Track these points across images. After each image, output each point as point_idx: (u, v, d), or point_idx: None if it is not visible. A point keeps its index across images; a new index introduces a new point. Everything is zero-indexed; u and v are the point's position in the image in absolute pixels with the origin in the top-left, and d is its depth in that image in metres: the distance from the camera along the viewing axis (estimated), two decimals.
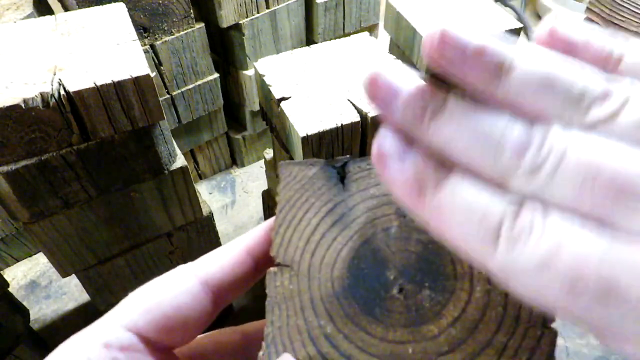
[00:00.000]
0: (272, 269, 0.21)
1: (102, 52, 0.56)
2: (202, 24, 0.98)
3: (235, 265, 0.22)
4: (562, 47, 0.16)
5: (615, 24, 1.20)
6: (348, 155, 0.22)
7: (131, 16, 0.64)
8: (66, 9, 0.89)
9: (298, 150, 0.58)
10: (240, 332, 0.26)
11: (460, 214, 0.14)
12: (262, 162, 1.33)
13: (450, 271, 0.20)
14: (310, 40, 1.16)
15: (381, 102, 0.16)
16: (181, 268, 0.22)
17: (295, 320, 0.20)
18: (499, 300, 0.19)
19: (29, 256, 1.10)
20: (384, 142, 0.16)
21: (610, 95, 0.14)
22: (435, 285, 0.20)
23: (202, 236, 0.79)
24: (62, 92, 0.51)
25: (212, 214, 0.79)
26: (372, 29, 1.22)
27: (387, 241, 0.21)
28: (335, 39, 0.82)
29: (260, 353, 0.20)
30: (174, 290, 0.21)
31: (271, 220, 0.24)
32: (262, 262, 0.23)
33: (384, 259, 0.21)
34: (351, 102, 0.59)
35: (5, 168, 0.53)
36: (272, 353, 0.20)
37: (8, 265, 1.08)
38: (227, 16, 0.97)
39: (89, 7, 0.70)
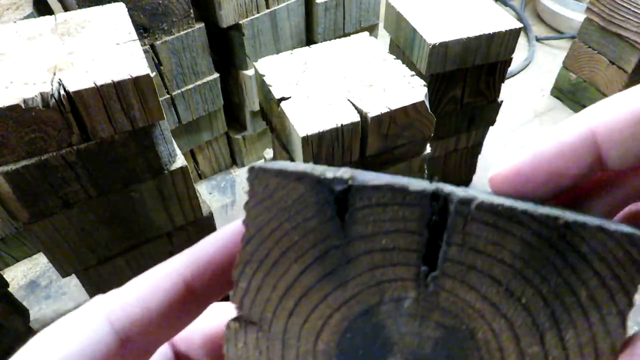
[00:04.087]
0: (232, 323, 0.16)
1: (102, 52, 0.56)
2: (202, 24, 0.98)
3: (161, 298, 0.17)
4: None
5: (615, 24, 1.20)
6: (350, 170, 0.15)
7: (131, 16, 0.64)
8: (66, 9, 0.89)
9: (298, 150, 0.58)
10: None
11: None
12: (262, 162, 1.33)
13: None
14: (310, 40, 1.16)
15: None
16: (93, 305, 0.17)
17: None
18: None
19: (29, 256, 1.10)
20: None
21: None
22: None
23: (202, 236, 0.78)
24: (62, 92, 0.51)
25: (212, 214, 0.79)
26: (372, 29, 1.22)
27: (396, 316, 0.15)
28: (335, 39, 0.82)
29: None
30: (84, 342, 0.16)
31: (223, 233, 0.18)
32: (204, 291, 0.18)
33: (388, 341, 0.15)
34: (351, 102, 0.59)
35: (5, 168, 0.53)
36: None
37: (8, 265, 1.08)
38: (227, 16, 0.97)
39: (89, 7, 0.70)
